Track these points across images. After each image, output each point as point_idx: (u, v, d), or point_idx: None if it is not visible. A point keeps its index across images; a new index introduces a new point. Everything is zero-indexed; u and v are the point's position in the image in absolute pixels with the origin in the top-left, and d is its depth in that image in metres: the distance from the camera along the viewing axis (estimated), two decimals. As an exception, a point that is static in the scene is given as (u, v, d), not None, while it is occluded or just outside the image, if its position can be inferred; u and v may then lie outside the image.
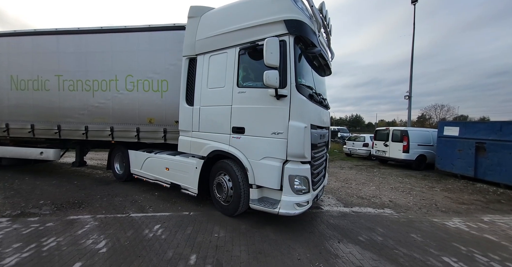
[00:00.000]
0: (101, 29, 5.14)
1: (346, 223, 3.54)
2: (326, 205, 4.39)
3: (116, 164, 5.73)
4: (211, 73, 3.73)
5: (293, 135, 2.92)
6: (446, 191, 5.91)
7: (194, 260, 2.41)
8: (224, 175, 3.58)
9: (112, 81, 5.04)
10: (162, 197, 4.51)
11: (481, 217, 4.07)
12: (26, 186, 5.08)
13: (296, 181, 2.97)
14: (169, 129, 4.85)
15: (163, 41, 4.79)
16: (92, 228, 3.09)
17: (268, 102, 3.09)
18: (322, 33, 3.80)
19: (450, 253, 2.77)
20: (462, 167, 7.42)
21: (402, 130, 9.45)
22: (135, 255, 2.46)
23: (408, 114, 15.16)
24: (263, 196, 3.27)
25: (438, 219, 3.87)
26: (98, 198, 4.32)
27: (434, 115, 37.81)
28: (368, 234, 3.17)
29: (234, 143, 3.41)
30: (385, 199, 4.91)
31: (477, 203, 4.98)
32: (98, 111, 5.18)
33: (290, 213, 2.93)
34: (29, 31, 5.54)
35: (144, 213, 3.66)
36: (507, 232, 3.48)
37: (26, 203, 4.00)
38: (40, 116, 5.48)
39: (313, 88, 3.55)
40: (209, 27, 3.73)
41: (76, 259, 2.35)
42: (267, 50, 2.74)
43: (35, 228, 3.04)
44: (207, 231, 3.07)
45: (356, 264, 2.45)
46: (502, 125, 6.61)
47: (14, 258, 2.35)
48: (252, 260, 2.45)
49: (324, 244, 2.86)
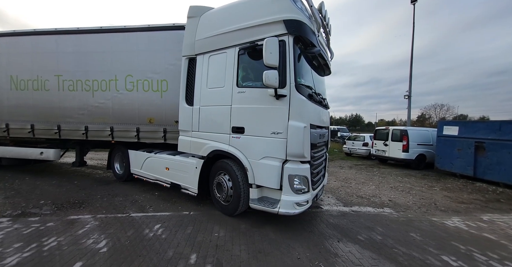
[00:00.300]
0: (101, 29, 5.14)
1: (345, 222, 3.56)
2: (326, 204, 4.40)
3: (116, 164, 5.74)
4: (211, 73, 3.74)
5: (293, 135, 2.93)
6: (445, 190, 5.93)
7: (194, 260, 2.42)
8: (224, 175, 3.59)
9: (111, 81, 5.04)
10: (162, 197, 4.52)
11: (480, 216, 4.08)
12: (26, 186, 5.09)
13: (295, 180, 2.98)
14: (169, 129, 4.85)
15: (162, 41, 4.79)
16: (92, 227, 3.10)
17: (268, 102, 3.09)
18: (321, 33, 3.81)
19: (449, 252, 2.79)
20: (462, 166, 7.43)
21: (401, 130, 9.46)
22: (135, 255, 2.47)
23: (407, 114, 15.17)
24: (263, 196, 3.28)
25: (437, 218, 3.89)
26: (98, 198, 4.33)
27: (434, 114, 37.86)
28: (368, 233, 3.18)
29: (234, 143, 3.42)
30: (385, 199, 4.93)
31: (476, 202, 5.00)
32: (98, 111, 5.18)
33: (289, 212, 2.94)
34: (28, 31, 5.53)
35: (144, 213, 3.67)
36: (506, 231, 3.49)
37: (26, 203, 4.01)
38: (40, 116, 5.49)
39: (312, 88, 3.55)
40: (209, 27, 3.73)
41: (77, 259, 2.37)
42: (267, 50, 2.74)
43: (36, 228, 3.06)
44: (207, 231, 3.09)
45: (356, 263, 2.47)
46: (501, 124, 6.63)
47: (15, 258, 2.36)
48: (252, 259, 2.47)
49: (323, 243, 2.87)
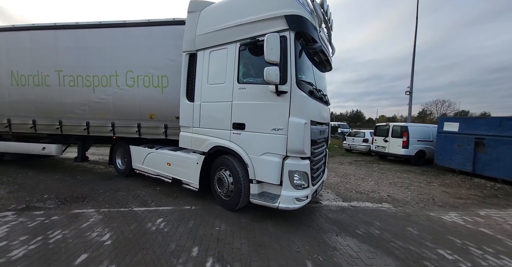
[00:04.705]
0: (100, 24, 5.10)
1: (344, 217, 3.62)
2: (325, 199, 4.46)
3: (118, 159, 5.78)
4: (212, 69, 3.73)
5: (293, 131, 2.95)
6: (444, 186, 5.98)
7: (196, 252, 2.49)
8: (224, 171, 3.64)
9: (112, 77, 5.03)
10: (164, 191, 4.58)
11: (477, 212, 4.14)
12: (29, 180, 5.16)
13: (295, 176, 3.02)
14: (170, 124, 4.87)
15: (162, 36, 4.75)
16: (96, 221, 3.16)
17: (269, 98, 3.10)
18: (323, 29, 3.78)
19: (445, 246, 2.85)
20: (461, 162, 7.47)
21: (402, 126, 9.47)
22: (139, 247, 2.54)
23: (408, 110, 15.15)
24: (263, 191, 3.33)
25: (434, 213, 3.95)
26: (101, 193, 4.40)
27: (435, 110, 37.78)
28: (366, 228, 3.25)
29: (235, 139, 3.44)
30: (384, 194, 4.98)
31: (474, 197, 5.06)
32: (99, 107, 5.19)
33: (289, 207, 2.99)
34: (27, 26, 5.49)
35: (146, 207, 3.73)
36: (503, 226, 3.55)
37: (30, 197, 4.08)
38: (41, 111, 5.51)
39: (313, 84, 3.55)
40: (209, 22, 3.70)
41: (82, 251, 2.43)
42: (268, 46, 2.73)
43: (41, 221, 3.12)
44: (208, 225, 3.15)
45: (353, 256, 2.53)
46: (501, 120, 6.63)
47: (22, 250, 2.42)
48: (252, 252, 2.53)
49: (322, 237, 2.93)
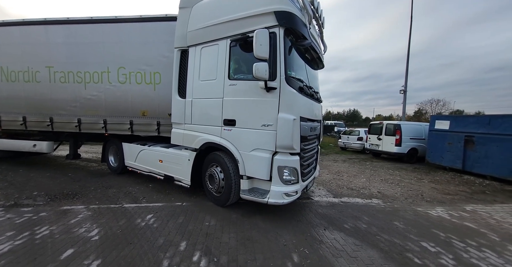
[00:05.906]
0: (91, 20, 5.04)
1: (334, 212, 3.67)
2: (316, 196, 4.51)
3: (111, 156, 5.75)
4: (203, 65, 3.73)
5: (282, 127, 2.98)
6: (433, 182, 6.09)
7: (184, 247, 2.51)
8: (216, 167, 3.65)
9: (104, 73, 4.99)
10: (156, 188, 4.58)
11: (464, 207, 4.23)
12: (20, 178, 5.11)
13: (285, 172, 3.05)
14: (162, 121, 4.86)
15: (155, 32, 4.73)
16: (85, 217, 3.16)
17: (258, 94, 3.12)
18: (313, 26, 3.80)
19: (429, 239, 2.92)
20: (451, 159, 7.61)
21: (395, 124, 9.58)
22: (126, 242, 2.55)
23: (403, 108, 15.30)
24: (253, 187, 3.36)
25: (422, 208, 4.03)
26: (92, 190, 4.38)
27: (430, 109, 38.25)
28: (354, 222, 3.30)
29: (226, 135, 3.46)
30: (374, 190, 5.06)
31: (462, 194, 5.16)
32: (91, 104, 5.15)
33: (278, 202, 3.03)
34: (16, 21, 5.41)
35: (137, 204, 3.73)
36: (487, 220, 3.64)
37: (20, 194, 4.04)
38: (32, 108, 5.44)
39: (303, 81, 3.58)
40: (201, 18, 3.70)
41: (68, 246, 2.43)
42: (257, 42, 2.75)
43: (29, 217, 3.10)
44: (198, 220, 3.17)
45: (339, 248, 2.58)
46: (490, 118, 6.76)
47: (7, 245, 2.42)
48: (240, 246, 2.56)
49: (310, 231, 2.98)
